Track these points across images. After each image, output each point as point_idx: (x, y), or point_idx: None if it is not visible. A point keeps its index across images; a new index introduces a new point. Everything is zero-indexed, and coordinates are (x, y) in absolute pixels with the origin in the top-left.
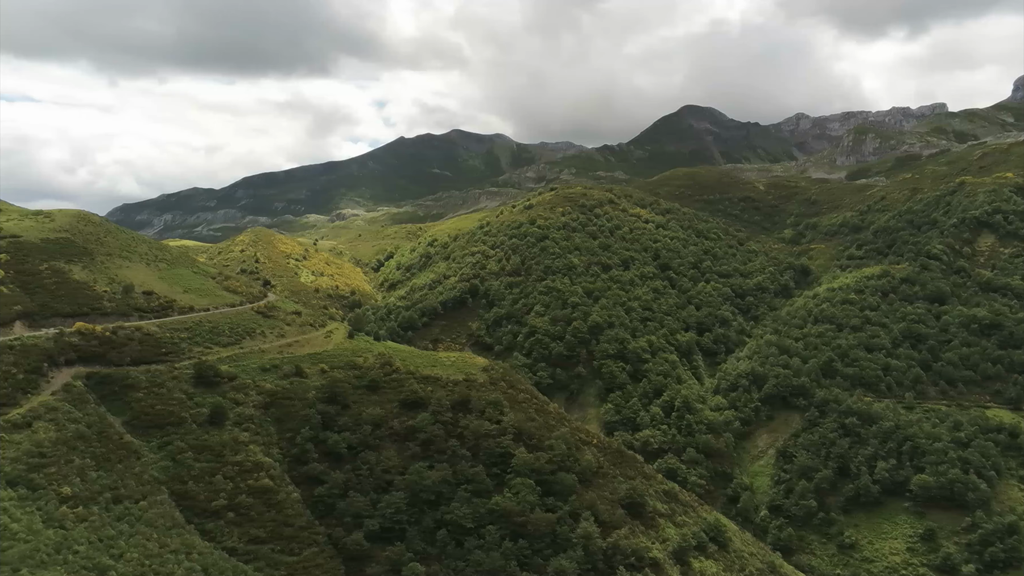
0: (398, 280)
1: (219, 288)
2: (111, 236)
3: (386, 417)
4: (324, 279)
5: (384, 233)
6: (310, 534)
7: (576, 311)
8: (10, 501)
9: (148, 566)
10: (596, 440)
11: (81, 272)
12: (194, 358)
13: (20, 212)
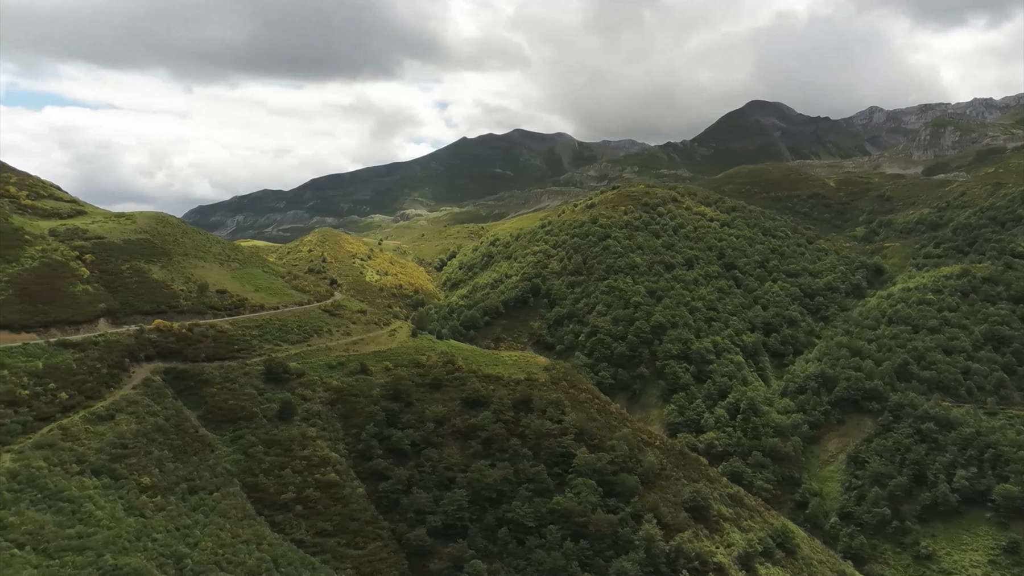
0: (460, 279)
1: (288, 287)
2: (187, 237)
3: (448, 415)
4: (388, 278)
5: (447, 233)
6: (374, 529)
7: (639, 311)
8: (94, 489)
9: (221, 555)
10: (659, 441)
11: (160, 271)
12: (264, 355)
13: (104, 214)
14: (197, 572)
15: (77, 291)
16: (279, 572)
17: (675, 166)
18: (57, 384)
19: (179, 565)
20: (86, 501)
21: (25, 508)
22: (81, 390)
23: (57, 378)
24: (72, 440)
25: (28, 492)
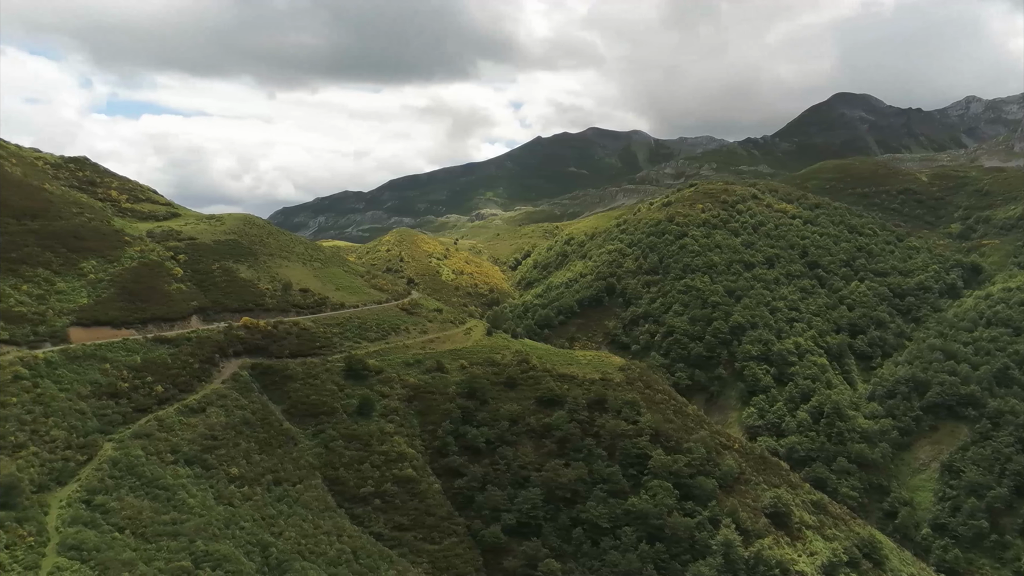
0: (535, 278)
1: (367, 286)
2: (272, 237)
3: (523, 414)
4: (464, 277)
5: (521, 232)
6: (450, 524)
7: (717, 311)
8: (187, 478)
9: (304, 545)
10: (738, 445)
11: (247, 271)
12: (345, 352)
13: (196, 216)
14: (281, 561)
15: (171, 290)
16: (358, 564)
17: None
18: (154, 377)
19: (265, 553)
20: (180, 489)
21: (125, 494)
22: (175, 383)
23: (154, 372)
24: (167, 431)
25: (128, 479)
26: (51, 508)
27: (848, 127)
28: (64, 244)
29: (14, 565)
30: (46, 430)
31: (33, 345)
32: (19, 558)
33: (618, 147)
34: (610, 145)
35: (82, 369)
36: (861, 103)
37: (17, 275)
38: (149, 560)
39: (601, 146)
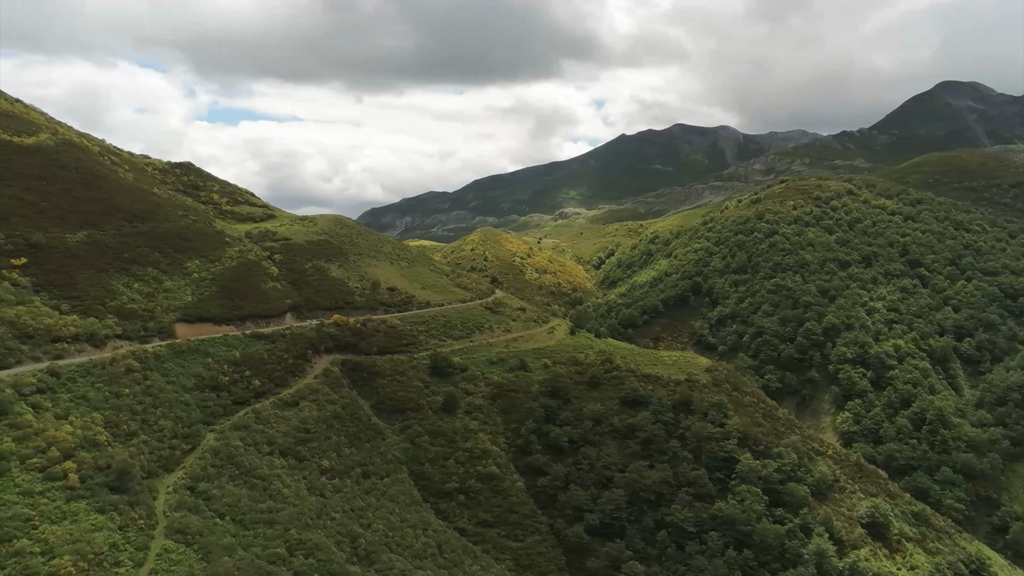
0: (619, 277)
1: (452, 285)
2: (361, 237)
3: (607, 414)
4: (547, 276)
5: (605, 231)
6: (533, 522)
7: (809, 311)
8: (282, 469)
9: (391, 537)
10: (831, 451)
11: (337, 270)
12: (430, 349)
13: (290, 218)
14: (369, 552)
15: (268, 288)
16: (443, 558)
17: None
18: (251, 372)
19: (354, 544)
20: (275, 479)
21: (225, 483)
22: (271, 378)
23: (251, 366)
24: (264, 423)
25: (228, 468)
26: (159, 493)
27: (954, 117)
28: (171, 245)
29: (127, 546)
30: (155, 420)
31: (143, 340)
32: (131, 539)
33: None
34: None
35: (187, 363)
36: (968, 91)
37: (129, 274)
38: (247, 546)
39: (687, 142)
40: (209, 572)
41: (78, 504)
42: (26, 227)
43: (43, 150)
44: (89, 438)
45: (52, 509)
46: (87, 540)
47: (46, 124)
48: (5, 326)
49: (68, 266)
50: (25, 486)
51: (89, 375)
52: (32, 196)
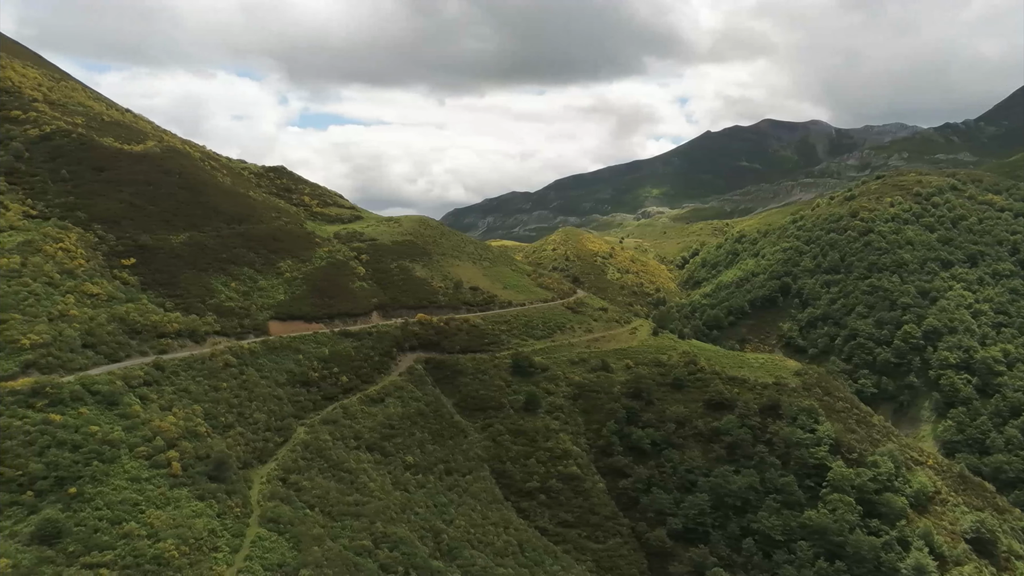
0: (703, 277)
1: (534, 285)
2: (444, 238)
3: (690, 416)
4: (629, 276)
5: (689, 230)
6: (614, 524)
7: (907, 313)
8: (368, 463)
9: (473, 534)
10: (932, 460)
11: (421, 270)
12: (512, 349)
13: (376, 219)
14: (452, 548)
15: (355, 287)
16: (524, 556)
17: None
18: (339, 368)
19: (437, 539)
20: (361, 473)
21: (315, 475)
22: (358, 374)
23: (339, 363)
24: (351, 419)
25: (317, 461)
26: (253, 483)
27: None
28: (265, 245)
29: (224, 532)
30: (250, 413)
31: (239, 336)
32: (228, 526)
33: (794, 139)
34: (785, 137)
35: (279, 359)
36: None
37: (227, 273)
38: (335, 537)
39: (775, 138)
40: (300, 561)
41: (180, 491)
42: (135, 229)
43: (150, 157)
44: (190, 429)
45: (157, 495)
46: (188, 525)
47: (153, 132)
48: (116, 322)
49: (172, 266)
50: (133, 472)
51: (191, 369)
52: (140, 200)
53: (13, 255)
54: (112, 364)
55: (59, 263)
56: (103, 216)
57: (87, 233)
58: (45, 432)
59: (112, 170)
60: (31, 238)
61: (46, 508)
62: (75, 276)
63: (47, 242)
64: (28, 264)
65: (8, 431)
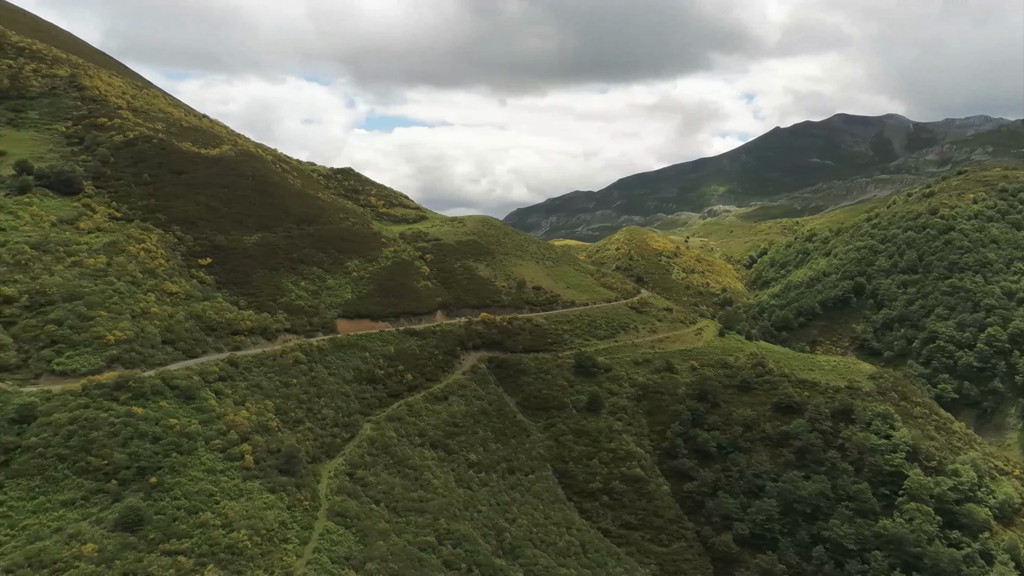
0: (771, 277)
1: (597, 284)
2: (507, 237)
3: (758, 419)
4: (695, 276)
5: (756, 229)
6: (679, 528)
7: (992, 315)
8: (432, 460)
9: (535, 534)
10: (1018, 471)
11: (485, 269)
12: (575, 349)
13: (440, 219)
14: (514, 546)
15: (420, 287)
16: (587, 557)
17: None
18: (404, 366)
19: (499, 537)
20: (425, 470)
21: (380, 471)
22: (422, 373)
23: (404, 361)
24: (415, 416)
25: (383, 457)
26: (322, 477)
27: None
28: (333, 246)
29: (294, 524)
30: (318, 409)
31: (309, 334)
32: (297, 518)
33: (869, 133)
34: (859, 132)
35: (346, 357)
36: None
37: (297, 273)
38: (400, 532)
39: (849, 133)
40: (366, 555)
41: (253, 483)
42: (211, 230)
43: (225, 160)
44: (262, 423)
45: (231, 487)
46: (260, 517)
47: (227, 136)
48: (193, 320)
49: (245, 266)
50: (209, 464)
51: (262, 365)
52: (216, 202)
53: (99, 255)
54: (189, 360)
55: (141, 263)
56: (181, 217)
57: (167, 234)
58: (128, 424)
59: (190, 173)
60: (116, 239)
61: (129, 496)
62: (156, 275)
63: (130, 243)
64: (113, 264)
65: (95, 422)
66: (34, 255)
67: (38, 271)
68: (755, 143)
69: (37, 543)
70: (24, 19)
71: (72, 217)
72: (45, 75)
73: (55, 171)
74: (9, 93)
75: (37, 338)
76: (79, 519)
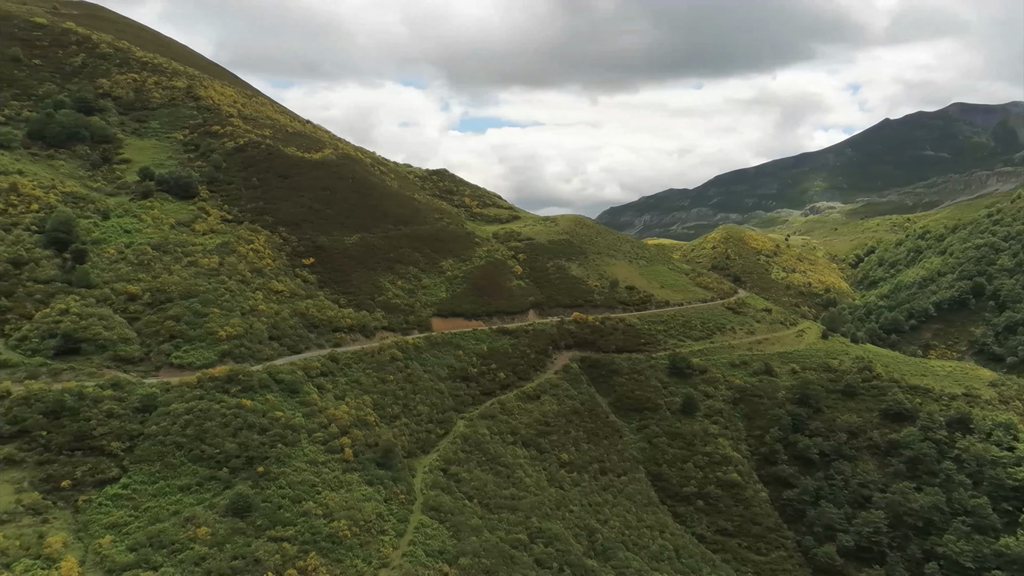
0: (880, 277)
1: (692, 284)
2: (600, 237)
3: (864, 426)
4: (796, 276)
5: (863, 226)
6: (778, 537)
7: None
8: (524, 459)
9: (627, 536)
10: None
11: (577, 268)
12: (668, 349)
13: (533, 219)
14: (606, 548)
15: (512, 286)
16: (680, 562)
17: None
18: (497, 365)
19: (591, 538)
20: (517, 468)
21: (473, 467)
22: (515, 371)
23: (497, 360)
24: (508, 414)
25: (475, 454)
26: (417, 472)
27: None
28: (428, 245)
29: (390, 516)
30: (414, 405)
31: (405, 332)
32: (394, 511)
33: (990, 123)
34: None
35: (441, 354)
36: None
37: (394, 272)
38: (492, 528)
39: (967, 123)
40: (459, 549)
41: (352, 476)
42: (313, 231)
43: (327, 164)
44: (361, 418)
45: (332, 478)
46: (359, 508)
47: (329, 141)
48: (297, 317)
49: (345, 265)
50: (311, 456)
51: (361, 362)
52: (318, 204)
53: (213, 255)
54: (293, 355)
55: (250, 263)
56: (286, 219)
57: (273, 235)
58: (238, 415)
59: (294, 177)
60: (227, 240)
61: (238, 484)
62: (263, 274)
63: (240, 243)
64: (225, 263)
65: (208, 413)
66: (155, 255)
67: (159, 270)
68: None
69: (157, 524)
70: (147, 35)
71: (189, 220)
72: (165, 87)
73: (174, 177)
74: (134, 105)
75: (157, 333)
76: (194, 503)
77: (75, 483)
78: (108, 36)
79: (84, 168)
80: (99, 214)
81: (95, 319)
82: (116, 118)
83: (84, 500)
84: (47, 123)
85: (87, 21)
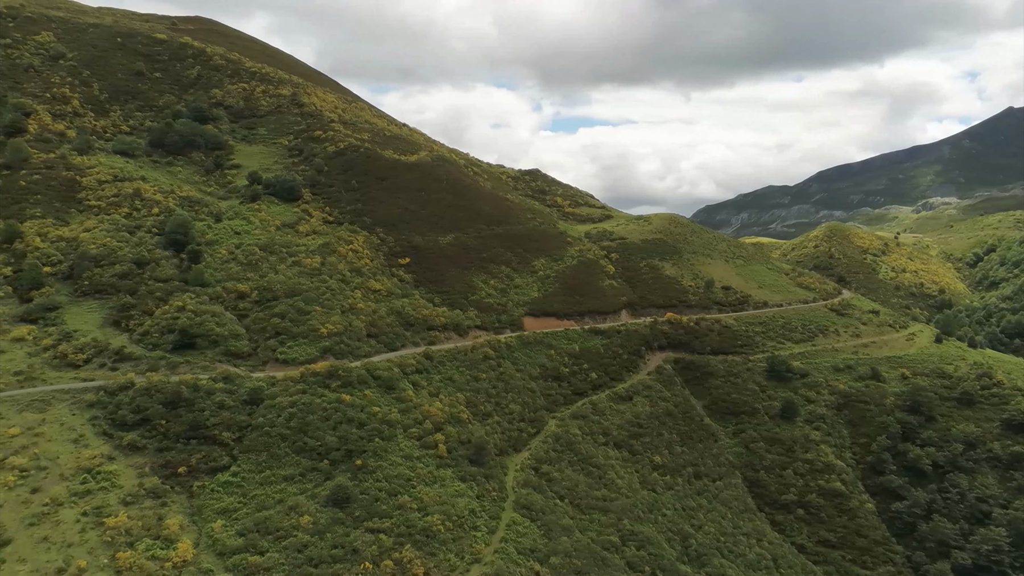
0: (1002, 277)
1: (792, 284)
2: (695, 236)
3: (983, 437)
4: (906, 275)
5: (983, 223)
6: (886, 551)
7: None
8: (616, 460)
9: (722, 543)
10: None
11: (671, 268)
12: (767, 352)
13: (626, 218)
14: (700, 554)
15: (604, 286)
16: (779, 572)
17: None
18: (589, 365)
19: (684, 543)
20: (609, 469)
21: (565, 467)
22: (607, 372)
23: (589, 360)
24: (599, 415)
25: (567, 454)
26: (509, 470)
27: None
28: (520, 245)
29: (482, 513)
30: (506, 403)
31: (497, 331)
32: (486, 508)
33: None
34: None
35: (533, 353)
36: None
37: (487, 272)
38: (583, 529)
39: None
40: (550, 549)
41: (445, 471)
42: (409, 231)
43: (422, 165)
44: (454, 415)
45: (426, 473)
46: (452, 503)
47: (424, 143)
48: (394, 315)
49: (439, 265)
50: (407, 451)
51: (455, 360)
52: (414, 205)
53: (315, 256)
54: (390, 352)
55: (350, 262)
56: (384, 220)
57: (371, 236)
58: (338, 410)
59: (391, 179)
60: (328, 241)
61: (338, 476)
62: (362, 274)
63: (340, 244)
64: (326, 263)
65: (310, 407)
66: (262, 255)
67: (266, 270)
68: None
69: (263, 511)
70: (256, 47)
71: (293, 221)
72: (272, 95)
73: (279, 180)
74: (244, 112)
75: (264, 330)
76: (297, 493)
77: (190, 470)
78: (221, 48)
79: (199, 173)
80: (212, 217)
81: (208, 316)
82: (227, 126)
83: (198, 486)
84: (166, 132)
85: (202, 35)
